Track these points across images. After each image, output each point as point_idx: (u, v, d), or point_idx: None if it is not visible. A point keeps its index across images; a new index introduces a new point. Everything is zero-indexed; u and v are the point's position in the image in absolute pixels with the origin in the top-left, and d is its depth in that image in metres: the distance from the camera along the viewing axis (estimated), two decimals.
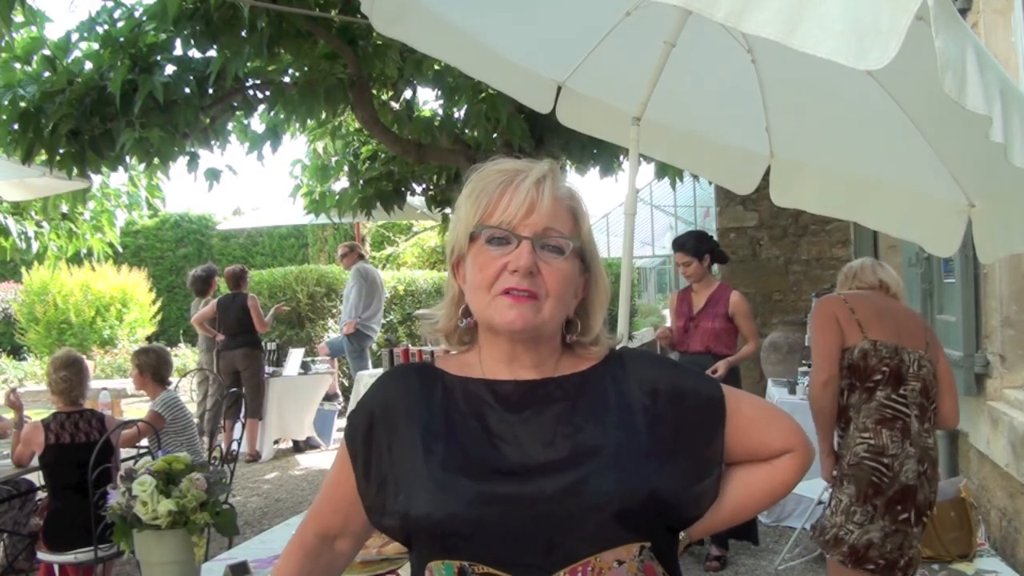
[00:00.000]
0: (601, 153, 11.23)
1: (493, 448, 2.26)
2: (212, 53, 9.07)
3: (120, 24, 9.11)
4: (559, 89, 5.90)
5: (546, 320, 2.28)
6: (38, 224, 13.33)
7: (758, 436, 2.43)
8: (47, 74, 9.13)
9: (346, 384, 16.72)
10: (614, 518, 2.16)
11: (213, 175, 10.54)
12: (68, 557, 7.18)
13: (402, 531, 2.29)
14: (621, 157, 11.46)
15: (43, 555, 7.36)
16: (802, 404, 9.08)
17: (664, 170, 11.34)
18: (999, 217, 4.73)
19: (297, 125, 11.07)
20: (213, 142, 10.21)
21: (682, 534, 2.41)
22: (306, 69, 9.66)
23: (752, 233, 14.37)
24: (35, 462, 7.49)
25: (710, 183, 13.81)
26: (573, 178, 12.06)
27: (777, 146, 5.84)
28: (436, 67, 9.80)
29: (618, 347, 2.52)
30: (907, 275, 9.22)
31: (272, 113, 10.41)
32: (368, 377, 13.41)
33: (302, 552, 2.61)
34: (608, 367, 2.42)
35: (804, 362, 10.81)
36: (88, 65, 9.23)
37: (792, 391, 10.28)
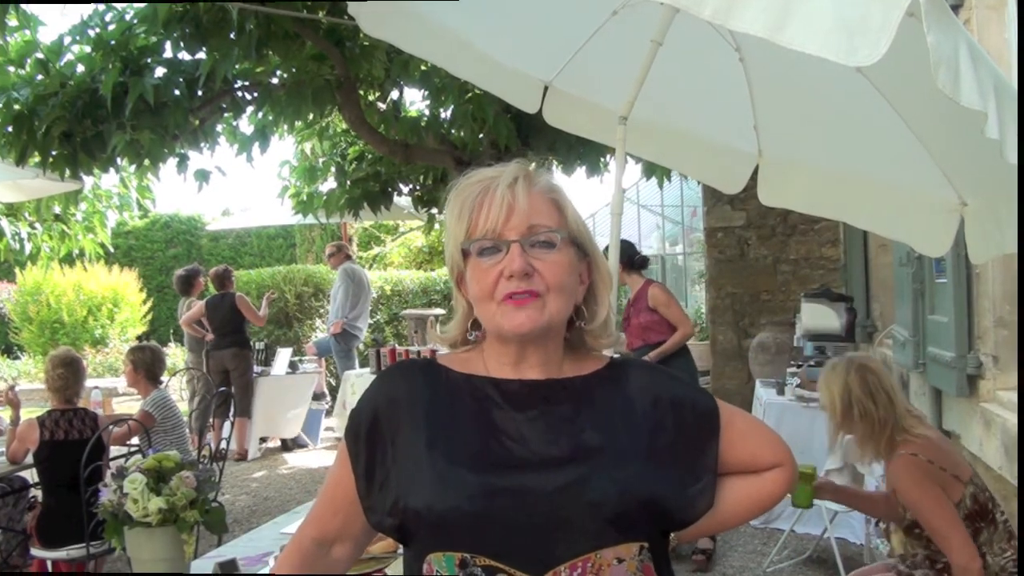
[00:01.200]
0: (587, 153, 11.15)
1: (498, 443, 2.26)
2: (201, 55, 9.06)
3: (111, 27, 9.11)
4: (545, 89, 5.80)
5: (554, 314, 2.29)
6: (31, 225, 13.35)
7: (750, 449, 2.49)
8: (40, 77, 9.15)
9: (333, 384, 16.65)
10: (613, 518, 2.17)
11: (202, 176, 10.53)
12: (60, 554, 7.22)
13: (401, 527, 2.27)
14: (607, 157, 11.38)
15: (36, 551, 7.36)
16: (791, 406, 9.17)
17: (651, 170, 11.29)
18: (991, 216, 4.56)
19: (285, 126, 11.02)
20: (202, 143, 10.23)
21: (672, 535, 2.45)
22: (294, 71, 9.65)
23: (740, 232, 14.09)
24: (29, 459, 7.54)
25: (697, 182, 13.62)
26: (559, 178, 11.87)
27: (765, 145, 5.70)
28: (423, 68, 9.74)
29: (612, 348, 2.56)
30: (898, 275, 9.04)
31: (260, 114, 10.39)
32: (355, 377, 13.42)
33: (299, 557, 2.53)
34: (612, 372, 2.44)
35: (792, 363, 10.65)
36: (80, 68, 9.26)
37: (780, 392, 9.99)
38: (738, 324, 14.06)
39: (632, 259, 9.15)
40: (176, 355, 21.81)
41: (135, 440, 8.09)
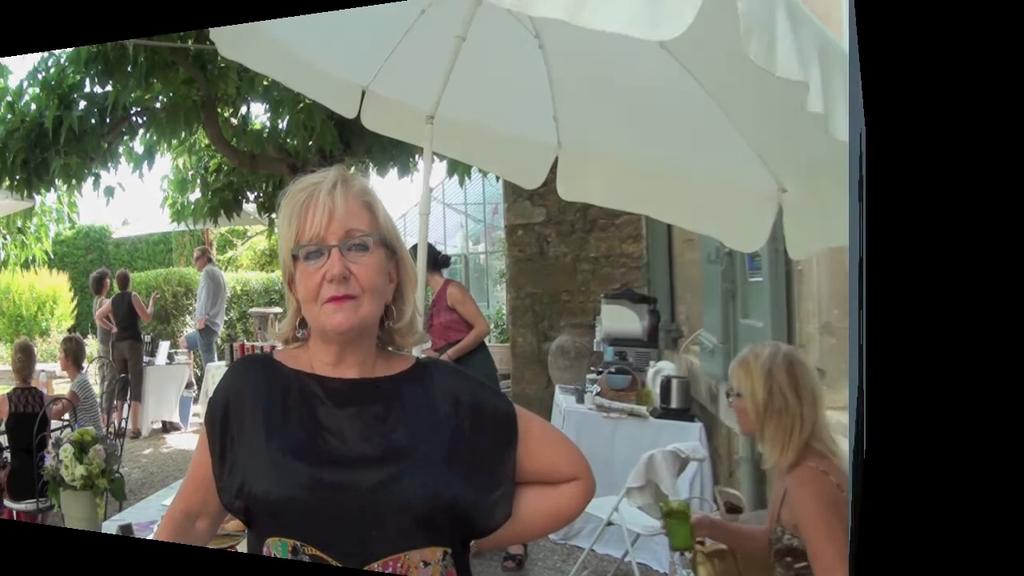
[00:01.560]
0: (399, 154, 10.33)
1: (322, 439, 2.04)
2: (109, 88, 9.11)
3: (52, 70, 9.30)
4: (363, 93, 4.94)
5: (367, 314, 2.05)
6: (3, 237, 14.38)
7: (547, 459, 2.18)
8: (9, 116, 9.46)
9: (199, 374, 16.35)
10: (420, 520, 1.97)
11: (109, 192, 10.54)
12: (22, 506, 7.43)
13: (247, 510, 2.06)
14: (416, 157, 10.46)
15: (7, 502, 7.59)
16: (591, 415, 7.52)
17: (453, 167, 10.20)
18: (814, 203, 3.50)
19: (165, 144, 10.85)
20: (109, 164, 10.22)
21: (472, 544, 2.18)
22: (171, 95, 9.41)
23: (539, 230, 11.26)
24: (1, 426, 7.85)
25: (497, 178, 11.53)
26: (375, 180, 11.05)
27: (565, 136, 4.64)
28: (265, 83, 9.30)
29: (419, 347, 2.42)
30: (706, 273, 7.09)
31: (148, 135, 10.08)
32: (215, 369, 13.15)
33: (171, 527, 2.29)
34: (417, 373, 2.17)
35: (592, 368, 8.89)
36: (33, 107, 9.44)
37: (580, 399, 7.89)
38: (538, 326, 11.56)
39: (435, 259, 7.94)
40: (92, 345, 21.67)
41: (67, 416, 8.18)
